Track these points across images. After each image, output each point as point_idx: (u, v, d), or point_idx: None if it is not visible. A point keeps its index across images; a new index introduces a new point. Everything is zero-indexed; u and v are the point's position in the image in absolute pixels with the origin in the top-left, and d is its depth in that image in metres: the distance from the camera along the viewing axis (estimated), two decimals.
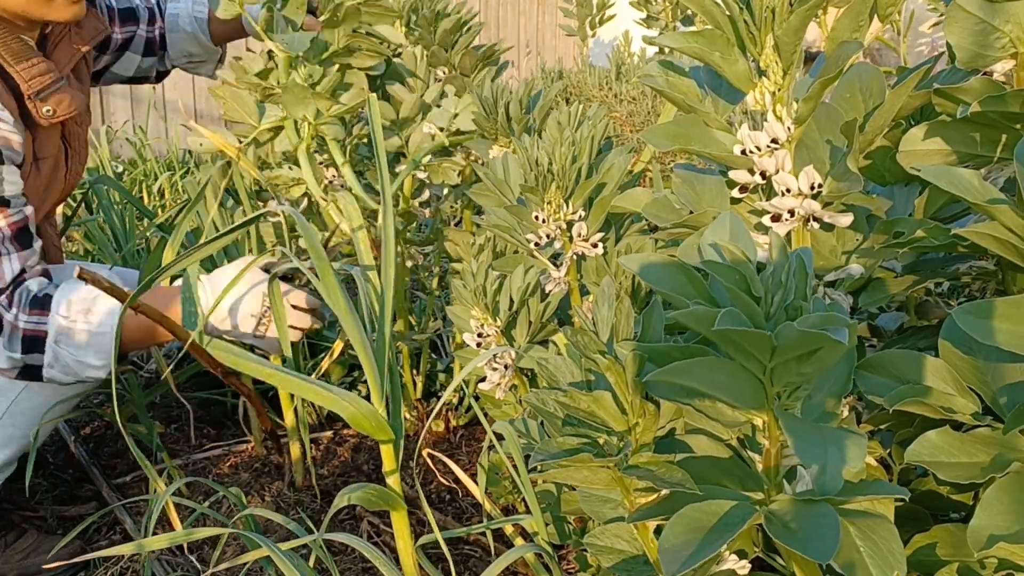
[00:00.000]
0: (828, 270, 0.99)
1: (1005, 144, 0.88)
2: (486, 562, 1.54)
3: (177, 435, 2.06)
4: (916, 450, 0.77)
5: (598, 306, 0.83)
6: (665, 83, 0.97)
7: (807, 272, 0.64)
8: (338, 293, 1.07)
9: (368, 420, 1.07)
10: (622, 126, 4.38)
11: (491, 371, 1.27)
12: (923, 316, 1.14)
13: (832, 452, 0.61)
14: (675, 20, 3.15)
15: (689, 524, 0.66)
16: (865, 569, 0.65)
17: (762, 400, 0.67)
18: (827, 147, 0.88)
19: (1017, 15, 0.87)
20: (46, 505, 1.79)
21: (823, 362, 0.64)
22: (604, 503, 0.92)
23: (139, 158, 4.22)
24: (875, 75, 0.91)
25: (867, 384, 0.85)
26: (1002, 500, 0.72)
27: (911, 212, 1.01)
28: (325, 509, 1.74)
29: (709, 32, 0.84)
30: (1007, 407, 0.79)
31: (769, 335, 0.59)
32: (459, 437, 2.00)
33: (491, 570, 1.06)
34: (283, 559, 1.02)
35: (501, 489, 1.48)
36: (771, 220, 0.88)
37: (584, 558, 1.30)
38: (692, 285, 0.69)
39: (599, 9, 4.97)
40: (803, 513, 0.65)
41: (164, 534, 1.10)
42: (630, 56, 5.22)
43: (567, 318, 1.34)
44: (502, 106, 1.46)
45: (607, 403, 0.78)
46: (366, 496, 1.06)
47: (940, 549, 0.85)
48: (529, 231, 1.20)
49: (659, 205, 1.06)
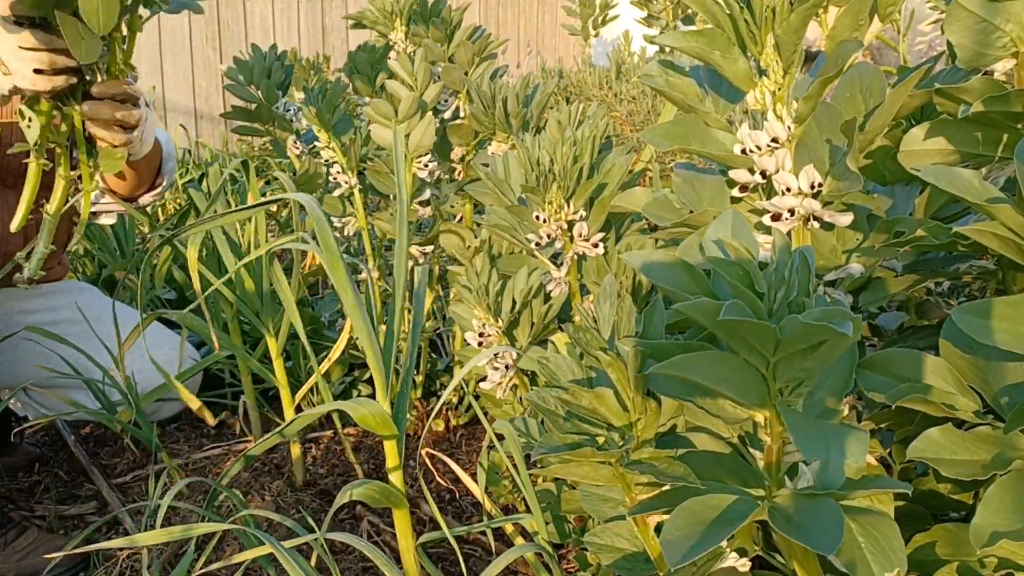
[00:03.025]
0: (828, 269, 0.99)
1: (1006, 143, 0.88)
2: (486, 561, 1.54)
3: (177, 435, 2.06)
4: (918, 447, 0.77)
5: (600, 303, 0.83)
6: (665, 83, 0.98)
7: (810, 269, 0.64)
8: (348, 289, 1.07)
9: (374, 416, 1.07)
10: (622, 125, 4.39)
11: (492, 371, 1.27)
12: (923, 315, 1.14)
13: (834, 448, 0.61)
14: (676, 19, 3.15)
15: (691, 517, 0.66)
16: (866, 565, 0.65)
17: (764, 396, 0.67)
18: (827, 146, 0.89)
19: (1018, 14, 0.87)
20: (46, 504, 1.79)
21: (826, 357, 0.64)
22: (604, 501, 0.92)
23: None
24: (875, 74, 0.91)
25: (868, 383, 0.85)
26: (1003, 498, 0.72)
27: (911, 211, 1.01)
28: (325, 509, 1.74)
29: (709, 31, 0.84)
30: (1008, 407, 0.79)
31: (774, 327, 0.60)
32: (459, 437, 2.00)
33: (491, 569, 1.06)
34: (285, 555, 1.02)
35: (501, 488, 1.48)
36: (771, 219, 0.88)
37: (584, 557, 1.30)
38: (695, 282, 0.69)
39: (602, 9, 4.98)
40: (806, 506, 0.65)
41: (162, 530, 1.10)
42: (630, 55, 5.22)
43: (567, 319, 1.34)
44: (500, 101, 1.46)
45: (609, 399, 0.78)
46: (368, 493, 1.06)
47: (940, 548, 0.85)
48: (530, 231, 1.20)
49: (659, 205, 1.06)
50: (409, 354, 1.19)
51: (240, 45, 5.15)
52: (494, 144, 1.58)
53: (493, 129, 1.53)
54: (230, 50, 5.12)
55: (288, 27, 5.42)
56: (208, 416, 1.72)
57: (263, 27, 5.30)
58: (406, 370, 1.18)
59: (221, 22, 5.11)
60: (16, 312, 1.81)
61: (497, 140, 1.56)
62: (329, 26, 5.62)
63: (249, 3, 5.22)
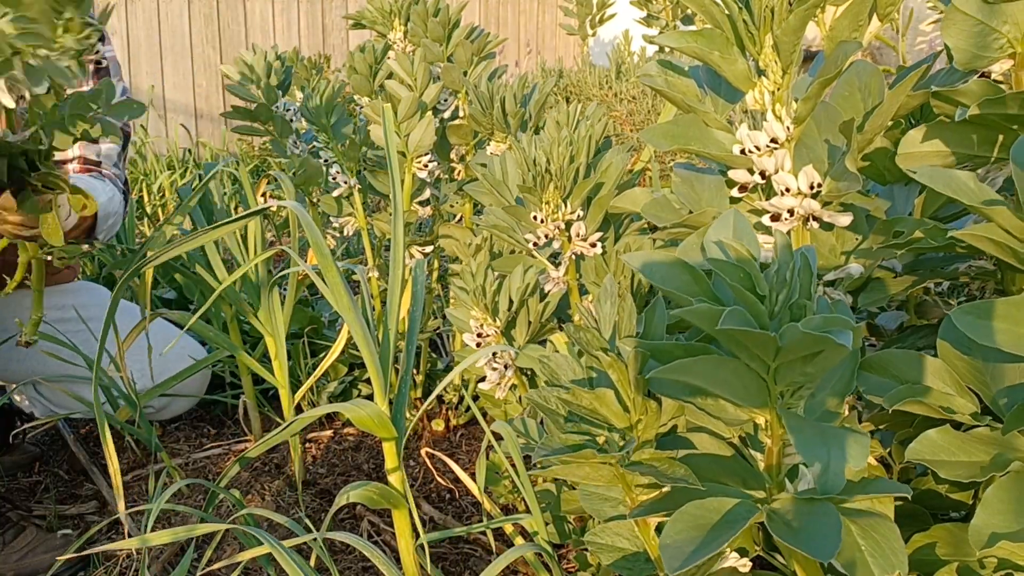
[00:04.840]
0: (828, 269, 0.99)
1: (1003, 144, 0.88)
2: (486, 561, 1.54)
3: (177, 435, 2.06)
4: (917, 448, 0.77)
5: (600, 303, 0.83)
6: (664, 83, 0.98)
7: (811, 271, 0.64)
8: (342, 292, 1.07)
9: (372, 418, 1.07)
10: (622, 125, 4.38)
11: (491, 371, 1.27)
12: (922, 316, 1.14)
13: (834, 451, 0.61)
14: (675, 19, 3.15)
15: (691, 521, 0.66)
16: (866, 567, 0.65)
17: (765, 399, 0.67)
18: (826, 146, 0.89)
19: (1015, 16, 0.87)
20: (46, 504, 1.79)
21: (826, 362, 0.64)
22: (605, 501, 0.92)
23: (139, 157, 4.22)
24: (874, 74, 0.91)
25: (867, 384, 0.85)
26: (1003, 499, 0.72)
27: (910, 212, 1.01)
28: (325, 509, 1.74)
29: (708, 32, 0.84)
30: (1006, 408, 0.79)
31: (773, 336, 0.60)
32: (459, 437, 2.00)
33: (491, 569, 1.06)
34: (284, 555, 1.02)
35: (501, 488, 1.48)
36: (771, 219, 0.88)
37: (584, 557, 1.30)
38: (696, 283, 0.69)
39: (599, 8, 4.98)
40: (805, 512, 0.65)
41: (162, 531, 1.10)
42: (630, 55, 5.22)
43: (566, 318, 1.34)
44: (498, 100, 1.46)
45: (609, 400, 0.78)
46: (368, 494, 1.06)
47: (940, 548, 0.85)
48: (528, 231, 1.20)
49: (658, 205, 1.06)
50: (407, 354, 1.19)
51: (240, 45, 5.15)
52: (492, 144, 1.58)
53: (491, 129, 1.53)
54: (230, 50, 5.12)
55: (288, 27, 5.42)
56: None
57: (263, 27, 5.30)
58: (404, 371, 1.18)
59: (221, 22, 5.11)
60: (26, 309, 1.83)
61: (495, 140, 1.56)
62: (329, 26, 5.61)
63: (249, 3, 5.22)
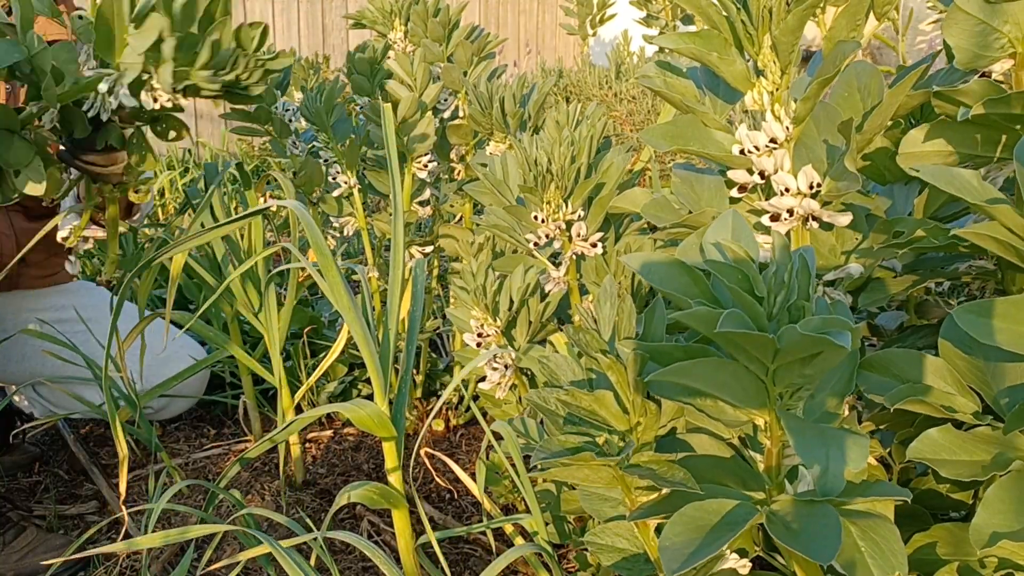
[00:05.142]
0: (827, 269, 0.99)
1: (1005, 144, 0.88)
2: (486, 561, 1.54)
3: (177, 435, 2.06)
4: (918, 447, 0.77)
5: (600, 305, 0.83)
6: (663, 83, 0.97)
7: (810, 272, 0.64)
8: (342, 291, 1.07)
9: (371, 417, 1.07)
10: (622, 125, 4.38)
11: (491, 371, 1.27)
12: (923, 315, 1.14)
13: (834, 453, 0.61)
14: (675, 19, 3.14)
15: (690, 523, 0.66)
16: (866, 569, 0.65)
17: (764, 400, 0.67)
18: (825, 146, 0.88)
19: (1016, 16, 0.87)
20: (46, 504, 1.79)
21: (826, 364, 0.64)
22: (604, 502, 0.92)
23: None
24: (873, 74, 0.91)
25: (867, 383, 0.85)
26: (1003, 499, 0.72)
27: (911, 211, 1.01)
28: (325, 508, 1.74)
29: (706, 32, 0.84)
30: (1007, 407, 0.79)
31: (772, 339, 0.59)
32: (459, 437, 2.00)
33: (491, 569, 1.06)
34: (284, 555, 1.02)
35: (501, 488, 1.48)
36: (770, 219, 0.88)
37: (584, 557, 1.30)
38: (694, 284, 0.69)
39: (599, 8, 4.97)
40: (804, 514, 0.65)
41: (161, 531, 1.10)
42: (630, 55, 5.22)
43: (566, 318, 1.34)
44: (497, 101, 1.46)
45: (609, 402, 0.78)
46: (368, 494, 1.06)
47: (940, 548, 0.85)
48: (528, 231, 1.20)
49: (658, 205, 1.06)
50: (407, 354, 1.19)
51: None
52: (492, 144, 1.57)
53: (491, 129, 1.53)
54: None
55: (288, 27, 5.41)
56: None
57: None
58: (404, 371, 1.18)
59: None
60: (26, 310, 1.85)
61: (495, 140, 1.56)
62: (329, 25, 5.61)
63: (249, 3, 5.21)
